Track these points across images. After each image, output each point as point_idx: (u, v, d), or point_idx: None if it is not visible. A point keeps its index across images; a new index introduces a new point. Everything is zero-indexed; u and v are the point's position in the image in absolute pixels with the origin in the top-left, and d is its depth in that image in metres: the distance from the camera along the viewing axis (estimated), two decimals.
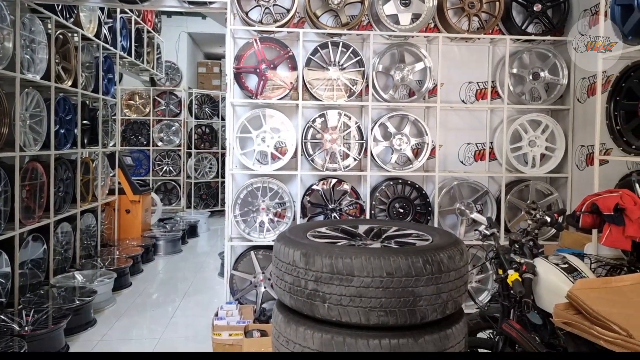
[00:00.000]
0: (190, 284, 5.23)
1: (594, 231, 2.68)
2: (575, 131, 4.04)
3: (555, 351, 1.99)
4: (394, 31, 3.90)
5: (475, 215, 2.95)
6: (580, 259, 2.23)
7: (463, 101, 4.25)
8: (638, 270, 2.19)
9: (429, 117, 4.16)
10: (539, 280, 2.07)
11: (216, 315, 3.44)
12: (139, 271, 5.54)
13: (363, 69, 3.92)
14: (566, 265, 2.10)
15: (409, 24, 3.93)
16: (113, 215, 6.17)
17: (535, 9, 4.09)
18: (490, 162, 4.27)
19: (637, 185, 2.87)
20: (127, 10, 6.61)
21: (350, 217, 3.96)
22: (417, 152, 4.09)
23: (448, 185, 4.06)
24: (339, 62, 3.91)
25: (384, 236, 2.37)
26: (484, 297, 4.03)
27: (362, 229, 2.47)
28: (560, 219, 2.39)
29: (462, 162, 4.30)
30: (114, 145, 6.26)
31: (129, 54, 6.78)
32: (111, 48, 5.99)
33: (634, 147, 2.91)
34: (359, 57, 3.91)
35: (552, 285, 2.03)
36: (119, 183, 6.37)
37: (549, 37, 4.09)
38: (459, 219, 4.07)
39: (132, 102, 8.94)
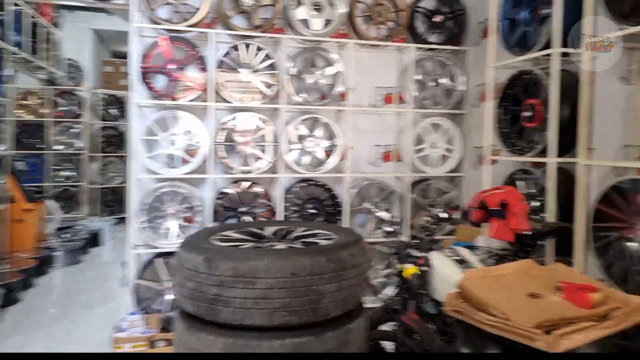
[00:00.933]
0: (91, 296, 4.88)
1: (484, 225, 2.91)
2: (471, 134, 4.39)
3: (448, 337, 2.13)
4: (305, 35, 3.95)
5: (381, 214, 3.08)
6: (472, 251, 2.41)
7: (373, 105, 4.41)
8: (519, 259, 2.40)
9: (340, 120, 4.27)
10: (434, 272, 2.20)
11: (118, 327, 3.23)
12: (31, 285, 5.07)
13: (276, 71, 3.92)
14: (458, 258, 2.26)
15: (321, 29, 4.01)
16: (3, 226, 5.56)
17: (435, 20, 4.38)
18: (397, 163, 4.48)
19: (519, 182, 3.18)
20: (20, 3, 6.00)
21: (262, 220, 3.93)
22: (329, 154, 4.17)
23: (359, 186, 4.19)
24: (251, 64, 3.87)
25: (290, 237, 2.38)
26: (391, 291, 4.20)
27: (269, 230, 2.46)
28: (454, 215, 2.57)
29: (371, 164, 4.46)
30: (4, 150, 5.65)
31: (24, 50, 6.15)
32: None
33: (517, 148, 3.22)
34: (273, 60, 3.91)
35: (445, 276, 2.16)
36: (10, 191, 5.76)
37: (449, 47, 4.40)
38: (367, 217, 4.22)
39: (27, 102, 8.13)
